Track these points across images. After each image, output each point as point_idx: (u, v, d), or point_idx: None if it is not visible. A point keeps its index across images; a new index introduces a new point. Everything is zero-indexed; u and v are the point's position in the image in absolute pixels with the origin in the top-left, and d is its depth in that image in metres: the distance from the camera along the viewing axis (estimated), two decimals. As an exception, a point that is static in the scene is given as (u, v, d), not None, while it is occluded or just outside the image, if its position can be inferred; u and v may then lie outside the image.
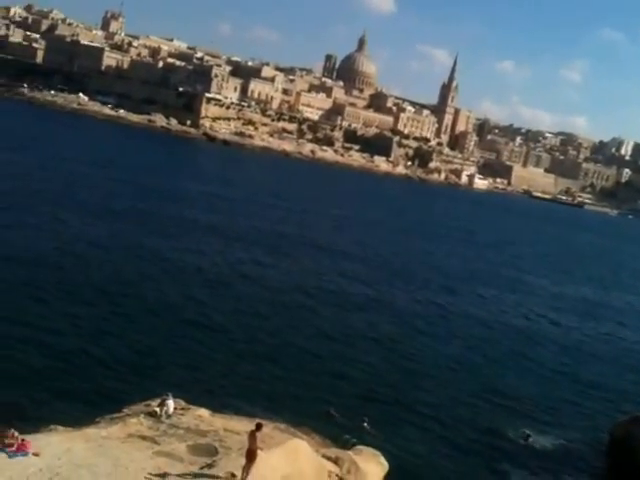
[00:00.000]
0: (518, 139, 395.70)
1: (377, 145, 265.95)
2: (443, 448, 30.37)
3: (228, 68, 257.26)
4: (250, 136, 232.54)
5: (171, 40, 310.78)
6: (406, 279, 65.69)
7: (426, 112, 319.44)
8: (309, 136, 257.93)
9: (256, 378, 32.79)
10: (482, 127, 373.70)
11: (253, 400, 28.45)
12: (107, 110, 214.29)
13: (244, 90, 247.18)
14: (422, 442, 30.30)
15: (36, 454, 18.93)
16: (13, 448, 18.81)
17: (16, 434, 19.22)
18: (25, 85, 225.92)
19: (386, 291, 58.41)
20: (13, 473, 17.63)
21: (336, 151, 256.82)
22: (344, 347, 40.58)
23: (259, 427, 19.84)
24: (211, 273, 51.87)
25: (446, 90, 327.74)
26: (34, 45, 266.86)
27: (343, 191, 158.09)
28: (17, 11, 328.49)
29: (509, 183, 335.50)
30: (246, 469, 19.47)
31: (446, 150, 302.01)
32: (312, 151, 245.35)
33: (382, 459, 24.63)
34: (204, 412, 24.43)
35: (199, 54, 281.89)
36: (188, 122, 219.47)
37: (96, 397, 26.73)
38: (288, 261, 62.23)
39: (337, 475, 22.67)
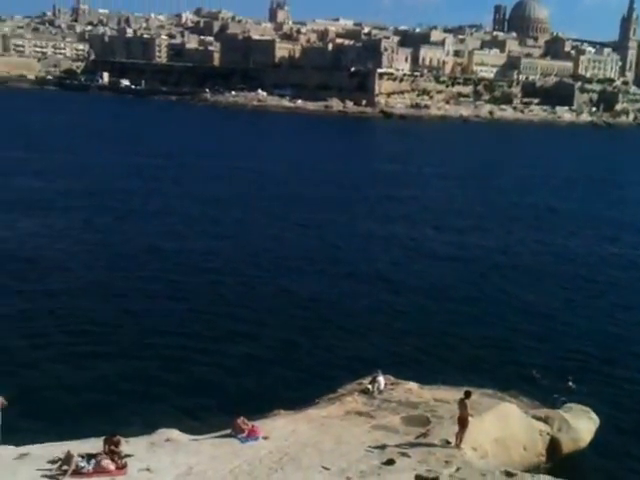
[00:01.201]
0: None
1: (558, 95, 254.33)
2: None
3: (396, 39, 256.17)
4: (426, 106, 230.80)
5: (337, 20, 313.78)
6: (598, 231, 63.09)
7: (607, 51, 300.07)
8: (486, 97, 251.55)
9: (456, 349, 33.18)
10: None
11: (456, 370, 28.84)
12: (285, 102, 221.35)
13: (414, 59, 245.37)
14: (631, 395, 29.43)
15: (265, 437, 20.69)
16: (244, 434, 20.70)
17: (246, 421, 21.15)
18: (207, 90, 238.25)
19: (586, 246, 56.47)
20: (247, 457, 19.38)
21: (515, 108, 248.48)
22: (537, 309, 39.87)
23: (468, 395, 20.55)
24: (417, 248, 52.76)
25: (626, 23, 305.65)
26: (209, 48, 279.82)
27: (526, 149, 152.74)
28: (188, 17, 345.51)
29: None
30: (459, 435, 20.30)
31: (633, 89, 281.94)
32: (490, 112, 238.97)
33: (593, 414, 24.43)
34: (413, 385, 25.45)
35: (366, 29, 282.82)
36: (363, 102, 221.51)
37: (312, 381, 28.31)
38: (476, 229, 61.67)
39: (548, 434, 22.92)
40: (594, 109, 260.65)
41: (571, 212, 73.41)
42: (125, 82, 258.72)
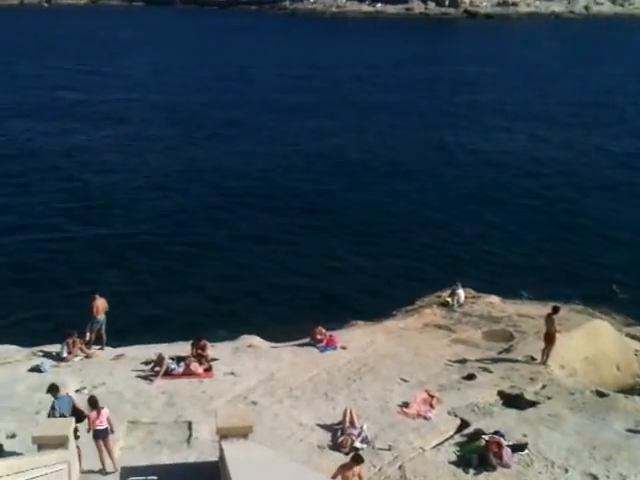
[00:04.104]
0: None
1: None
2: None
3: None
4: (514, 4, 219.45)
5: None
6: None
7: None
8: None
9: (538, 262, 31.57)
10: None
11: (540, 285, 27.31)
12: (365, 7, 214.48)
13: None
14: None
15: (344, 347, 20.75)
16: (323, 343, 20.80)
17: (324, 331, 21.07)
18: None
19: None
20: (327, 365, 19.50)
21: (614, 1, 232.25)
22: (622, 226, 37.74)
23: (556, 310, 19.58)
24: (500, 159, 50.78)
25: None
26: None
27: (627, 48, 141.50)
28: None
29: None
30: (546, 352, 19.43)
31: None
32: (586, 7, 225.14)
33: (694, 333, 23.15)
34: (494, 299, 24.59)
35: None
36: (446, 2, 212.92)
37: (389, 292, 27.80)
38: (564, 140, 58.39)
39: (645, 353, 21.84)
40: None
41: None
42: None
